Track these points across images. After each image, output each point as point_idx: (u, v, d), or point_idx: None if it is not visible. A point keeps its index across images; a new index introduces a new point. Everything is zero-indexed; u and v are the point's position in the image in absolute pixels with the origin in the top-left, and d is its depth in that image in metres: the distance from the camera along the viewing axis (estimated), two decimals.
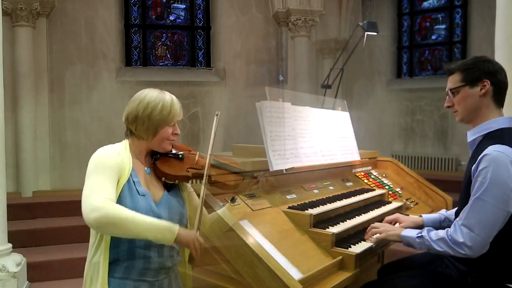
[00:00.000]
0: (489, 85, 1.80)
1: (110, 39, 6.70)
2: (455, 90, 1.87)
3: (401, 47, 8.25)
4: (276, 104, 2.33)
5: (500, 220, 1.67)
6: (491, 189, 1.65)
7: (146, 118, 1.61)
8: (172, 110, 1.64)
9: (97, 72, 6.55)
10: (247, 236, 1.67)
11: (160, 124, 1.62)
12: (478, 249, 1.68)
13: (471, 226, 1.67)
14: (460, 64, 1.88)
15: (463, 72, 1.85)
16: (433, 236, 1.79)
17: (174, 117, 1.65)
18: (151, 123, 1.61)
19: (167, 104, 1.63)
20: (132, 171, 1.60)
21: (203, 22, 7.38)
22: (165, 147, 1.69)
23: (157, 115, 1.61)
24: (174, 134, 1.67)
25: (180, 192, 1.75)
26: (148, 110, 1.61)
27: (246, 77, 7.21)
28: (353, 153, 2.98)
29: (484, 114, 1.83)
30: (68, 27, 6.37)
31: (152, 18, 7.26)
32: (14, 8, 5.61)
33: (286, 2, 6.96)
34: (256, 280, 1.61)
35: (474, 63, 1.85)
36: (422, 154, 7.59)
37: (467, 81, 1.83)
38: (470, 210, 1.70)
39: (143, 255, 1.55)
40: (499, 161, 1.65)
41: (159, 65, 7.23)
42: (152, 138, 1.64)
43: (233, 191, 1.75)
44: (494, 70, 1.81)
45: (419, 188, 3.12)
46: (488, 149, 1.70)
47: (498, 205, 1.65)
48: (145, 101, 1.62)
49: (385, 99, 8.09)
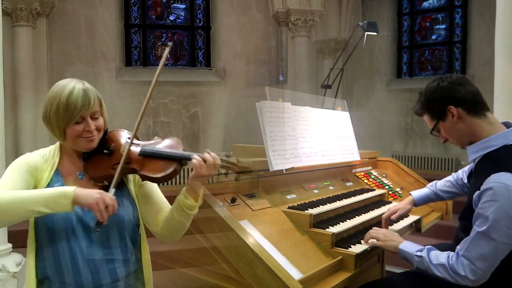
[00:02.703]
0: (455, 109, 1.74)
1: (110, 39, 6.70)
2: (434, 130, 1.85)
3: (401, 47, 8.25)
4: (276, 104, 2.33)
5: (502, 253, 1.63)
6: (496, 226, 1.58)
7: (47, 119, 1.43)
8: (69, 106, 1.38)
9: (97, 72, 6.55)
10: (247, 236, 1.67)
11: (60, 124, 1.41)
12: (479, 281, 1.65)
13: (473, 259, 1.63)
14: (420, 103, 1.87)
15: (427, 111, 1.84)
16: (433, 259, 1.73)
17: (74, 113, 1.39)
18: (53, 124, 1.42)
19: (63, 100, 1.39)
20: (55, 176, 1.45)
21: (203, 22, 7.38)
22: (83, 146, 1.46)
23: (54, 115, 1.40)
24: (86, 131, 1.43)
25: (126, 189, 1.55)
26: (48, 110, 1.42)
27: (246, 77, 7.21)
28: (353, 153, 2.98)
29: (475, 131, 1.76)
30: (68, 27, 6.37)
31: (152, 18, 7.26)
32: (14, 8, 5.61)
33: (286, 2, 6.96)
34: (256, 280, 1.61)
35: (428, 97, 1.81)
36: (422, 154, 7.58)
37: (436, 118, 1.81)
38: (472, 243, 1.64)
39: (72, 269, 1.39)
40: (503, 196, 1.57)
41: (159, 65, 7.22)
42: (63, 139, 1.46)
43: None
44: (448, 93, 1.75)
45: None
46: (492, 180, 1.61)
47: (503, 241, 1.60)
48: (47, 99, 1.43)
49: (385, 99, 8.09)
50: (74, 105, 1.39)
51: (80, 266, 1.40)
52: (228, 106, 7.06)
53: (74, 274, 1.40)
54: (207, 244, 1.77)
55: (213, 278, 1.79)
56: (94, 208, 1.30)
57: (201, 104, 7.01)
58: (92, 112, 1.44)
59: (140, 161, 1.47)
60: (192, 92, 6.93)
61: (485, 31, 6.84)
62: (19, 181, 1.40)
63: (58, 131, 1.44)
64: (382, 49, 8.16)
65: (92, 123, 1.44)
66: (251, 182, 2.10)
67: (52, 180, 1.44)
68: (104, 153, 1.50)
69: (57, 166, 1.47)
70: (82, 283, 1.40)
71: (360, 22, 4.28)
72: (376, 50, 8.12)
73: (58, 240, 1.40)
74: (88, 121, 1.43)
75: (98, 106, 1.47)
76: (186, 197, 1.46)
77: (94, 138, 1.47)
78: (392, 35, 8.19)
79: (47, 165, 1.46)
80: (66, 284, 1.41)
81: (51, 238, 1.40)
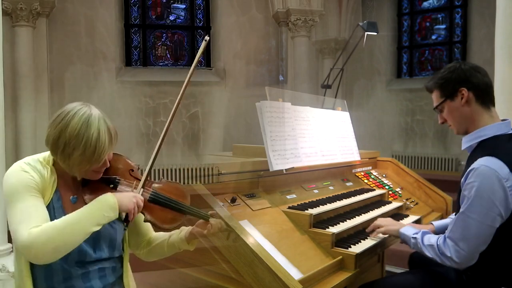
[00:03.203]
0: (467, 92, 1.77)
1: (110, 39, 6.70)
2: (439, 107, 1.87)
3: (401, 47, 8.25)
4: (276, 104, 2.33)
5: (485, 235, 1.66)
6: (475, 205, 1.64)
7: (66, 157, 1.34)
8: (97, 149, 1.33)
9: (97, 72, 6.55)
10: (247, 236, 1.67)
11: (83, 165, 1.35)
12: (464, 263, 1.69)
13: (456, 240, 1.69)
14: (435, 79, 1.88)
15: (439, 87, 1.85)
16: (425, 240, 1.82)
17: (101, 157, 1.35)
18: (74, 163, 1.34)
19: (91, 142, 1.32)
20: (55, 194, 1.39)
21: (203, 22, 7.38)
22: (91, 177, 1.43)
23: (78, 156, 1.32)
24: (102, 166, 1.42)
25: None
26: (68, 147, 1.32)
27: (246, 77, 7.21)
28: (353, 153, 2.98)
29: (476, 119, 1.80)
30: (68, 27, 6.37)
31: (152, 18, 7.26)
32: (14, 8, 5.61)
33: (286, 2, 6.96)
34: (256, 280, 1.61)
35: (445, 75, 1.83)
36: (422, 154, 7.59)
37: (446, 96, 1.83)
38: (455, 224, 1.71)
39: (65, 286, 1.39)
40: (485, 176, 1.62)
41: (159, 65, 7.23)
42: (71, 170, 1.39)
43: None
44: (466, 76, 1.78)
45: (419, 188, 3.12)
46: (477, 162, 1.66)
47: (482, 221, 1.63)
48: (67, 132, 1.32)
49: (385, 99, 8.09)
50: (102, 149, 1.34)
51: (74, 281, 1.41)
52: (228, 106, 7.05)
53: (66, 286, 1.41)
54: (207, 244, 1.77)
55: (213, 278, 1.79)
56: (131, 211, 1.35)
57: (201, 104, 7.01)
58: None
59: (149, 207, 1.45)
60: (192, 92, 6.93)
61: (485, 31, 6.84)
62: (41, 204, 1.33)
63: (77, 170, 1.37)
64: (382, 49, 8.16)
65: (108, 161, 1.43)
66: (251, 182, 2.10)
67: (52, 200, 1.38)
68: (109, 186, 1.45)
69: (57, 186, 1.41)
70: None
71: (360, 22, 4.28)
72: (376, 50, 8.12)
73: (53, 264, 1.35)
74: (106, 161, 1.41)
75: None
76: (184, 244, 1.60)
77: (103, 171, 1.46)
78: (392, 35, 8.19)
79: (48, 184, 1.38)
80: None
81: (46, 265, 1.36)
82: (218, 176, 2.00)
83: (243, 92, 7.01)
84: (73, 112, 1.36)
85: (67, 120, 1.35)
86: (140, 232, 1.66)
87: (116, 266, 1.56)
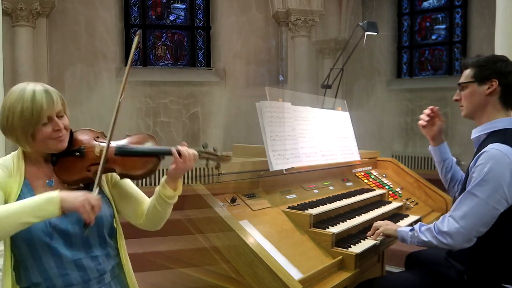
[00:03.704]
0: (497, 85, 1.80)
1: (110, 39, 6.70)
2: (464, 84, 1.89)
3: (401, 47, 8.25)
4: (276, 104, 2.33)
5: (487, 216, 1.68)
6: (483, 185, 1.67)
7: (10, 128, 1.38)
8: (34, 108, 1.35)
9: (97, 72, 6.55)
10: (247, 236, 1.67)
11: (27, 129, 1.36)
12: (459, 241, 1.71)
13: (457, 217, 1.72)
14: (475, 60, 1.89)
15: (476, 68, 1.86)
16: (422, 228, 1.85)
17: (41, 114, 1.36)
18: (18, 131, 1.37)
19: (27, 103, 1.35)
20: (25, 186, 1.40)
21: (203, 22, 7.38)
22: (55, 147, 1.43)
23: (18, 121, 1.35)
24: (55, 130, 1.40)
25: (101, 191, 1.52)
26: (10, 118, 1.36)
27: (246, 77, 7.20)
28: (353, 153, 2.98)
29: (490, 113, 1.84)
30: (68, 27, 6.37)
31: (152, 18, 7.26)
32: (14, 8, 5.61)
33: (286, 2, 6.96)
34: (256, 280, 1.61)
35: (487, 61, 1.85)
36: (422, 154, 7.58)
37: (476, 78, 1.85)
38: (459, 202, 1.74)
39: (59, 274, 1.41)
40: (496, 159, 1.67)
41: (159, 65, 7.23)
42: (32, 145, 1.40)
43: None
44: (506, 72, 1.81)
45: (419, 188, 3.12)
46: (488, 147, 1.71)
47: (488, 201, 1.67)
48: (6, 106, 1.38)
49: (385, 99, 8.09)
50: (40, 106, 1.35)
51: (67, 268, 1.42)
52: (228, 106, 7.05)
53: (62, 276, 1.42)
54: (207, 244, 1.77)
55: (213, 278, 1.79)
56: (81, 211, 1.29)
57: (201, 104, 7.01)
58: (57, 111, 1.41)
59: (117, 160, 1.46)
60: (192, 92, 6.93)
61: (485, 31, 6.84)
62: None
63: (24, 138, 1.38)
64: (382, 49, 8.15)
65: (59, 122, 1.41)
66: (251, 182, 2.10)
67: (22, 191, 1.39)
68: (75, 155, 1.46)
69: (25, 176, 1.42)
70: (71, 282, 1.43)
71: (360, 22, 4.28)
72: (376, 50, 8.12)
73: (40, 250, 1.39)
74: (56, 120, 1.40)
75: (61, 105, 1.43)
76: (165, 188, 1.49)
77: (64, 137, 1.44)
78: (392, 35, 8.18)
79: (14, 177, 1.40)
80: (56, 287, 1.42)
81: (32, 249, 1.39)
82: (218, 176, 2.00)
83: (243, 92, 7.01)
84: (13, 88, 1.43)
85: (6, 97, 1.41)
86: (132, 202, 1.60)
87: (110, 253, 1.54)
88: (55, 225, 1.39)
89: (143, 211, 1.58)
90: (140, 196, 1.62)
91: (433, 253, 2.18)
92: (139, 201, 1.61)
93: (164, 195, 1.49)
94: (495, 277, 1.79)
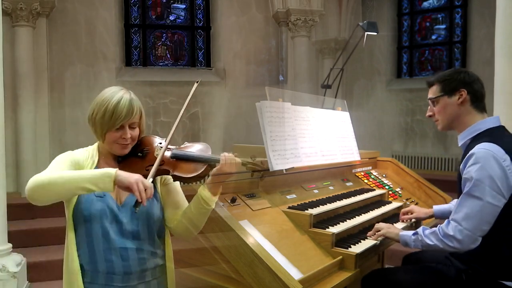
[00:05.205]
0: (466, 94, 1.92)
1: (110, 39, 6.70)
2: (435, 99, 2.01)
3: (401, 47, 8.25)
4: (276, 104, 2.33)
5: (488, 214, 1.73)
6: (478, 184, 1.73)
7: (93, 121, 1.57)
8: (114, 114, 1.53)
9: (97, 72, 6.55)
10: (247, 236, 1.67)
11: (103, 128, 1.55)
12: (466, 243, 1.75)
13: (459, 220, 1.76)
14: (439, 75, 2.02)
15: (442, 83, 1.99)
16: (426, 231, 1.88)
17: (116, 121, 1.54)
18: (97, 126, 1.57)
19: (110, 107, 1.53)
20: None
21: (203, 22, 7.38)
22: (117, 151, 1.61)
23: (100, 119, 1.55)
24: (122, 138, 1.57)
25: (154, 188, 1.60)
26: (94, 113, 1.56)
27: (246, 77, 7.21)
28: (353, 153, 2.98)
29: (467, 119, 1.94)
30: (68, 27, 6.37)
31: (152, 18, 7.26)
32: (14, 8, 5.61)
33: (286, 2, 6.96)
34: (256, 280, 1.61)
35: (451, 74, 1.98)
36: (422, 154, 7.59)
37: (445, 91, 1.97)
38: (459, 205, 1.80)
39: (104, 258, 1.51)
40: (483, 157, 1.74)
41: (159, 65, 7.23)
42: (103, 141, 1.60)
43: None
44: (471, 81, 1.94)
45: (419, 188, 3.13)
46: (474, 148, 1.79)
47: (485, 199, 1.72)
48: (96, 102, 1.57)
49: (385, 99, 8.09)
50: (119, 114, 1.53)
51: (113, 254, 1.51)
52: (228, 106, 7.05)
53: (106, 262, 1.51)
54: (207, 244, 1.77)
55: (213, 278, 1.79)
56: (134, 187, 1.38)
57: (201, 104, 7.01)
58: (132, 122, 1.57)
59: (172, 163, 1.59)
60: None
61: (485, 31, 6.84)
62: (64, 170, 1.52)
63: (100, 133, 1.57)
64: (382, 49, 8.16)
65: (128, 132, 1.57)
66: (251, 182, 2.10)
67: None
68: (138, 156, 1.63)
69: (96, 165, 1.60)
70: (113, 270, 1.51)
71: (360, 22, 4.28)
72: (376, 50, 8.12)
73: (94, 230, 1.51)
74: (126, 130, 1.56)
75: (138, 118, 1.60)
76: (204, 189, 1.57)
77: (127, 145, 1.60)
78: (392, 35, 8.19)
79: (88, 163, 1.59)
80: (99, 273, 1.51)
81: (88, 229, 1.51)
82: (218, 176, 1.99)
83: (243, 92, 7.01)
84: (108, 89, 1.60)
85: (101, 94, 1.59)
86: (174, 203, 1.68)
87: (157, 253, 1.61)
88: (115, 213, 1.53)
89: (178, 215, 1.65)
90: (181, 201, 1.70)
91: (431, 254, 2.20)
92: (179, 204, 1.68)
93: (202, 195, 1.56)
94: (494, 274, 1.80)
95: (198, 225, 1.61)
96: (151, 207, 1.58)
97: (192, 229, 1.62)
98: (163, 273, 1.65)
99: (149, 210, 1.56)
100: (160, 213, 1.63)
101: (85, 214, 1.51)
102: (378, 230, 2.07)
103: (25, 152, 5.74)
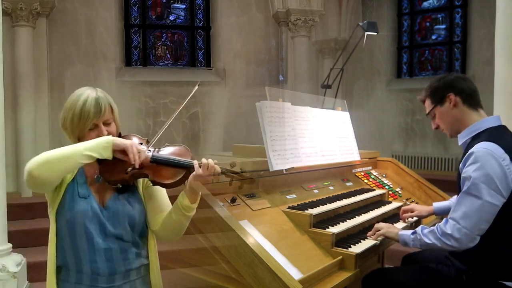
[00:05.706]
0: (454, 96, 1.96)
1: (110, 39, 6.70)
2: (431, 113, 2.06)
3: (401, 47, 8.25)
4: (276, 104, 2.33)
5: (486, 213, 1.74)
6: (477, 183, 1.74)
7: (65, 127, 1.57)
8: (82, 116, 1.51)
9: (97, 72, 6.55)
10: (247, 236, 1.67)
11: (74, 132, 1.54)
12: (464, 241, 1.75)
13: (457, 218, 1.77)
14: (426, 90, 2.09)
15: (430, 96, 2.06)
16: (425, 230, 1.89)
17: (86, 123, 1.52)
18: (69, 132, 1.56)
19: (77, 110, 1.51)
20: (79, 173, 1.55)
21: (203, 22, 7.38)
22: None
23: (70, 124, 1.54)
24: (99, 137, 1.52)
25: (136, 191, 1.64)
26: (64, 120, 1.55)
27: (246, 77, 7.21)
28: (353, 153, 2.98)
29: (465, 119, 1.97)
30: (68, 27, 6.37)
31: (152, 18, 7.26)
32: (14, 8, 5.60)
33: (286, 2, 6.96)
34: (256, 280, 1.61)
35: (433, 85, 2.05)
36: (422, 154, 7.59)
37: (436, 102, 2.02)
38: (457, 204, 1.80)
39: (89, 259, 1.49)
40: (483, 156, 1.75)
41: (159, 65, 7.23)
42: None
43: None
44: (453, 82, 1.98)
45: (419, 188, 3.13)
46: (474, 147, 1.80)
47: (484, 198, 1.73)
48: (64, 108, 1.56)
49: (385, 99, 8.09)
50: (87, 115, 1.51)
51: (97, 255, 1.49)
52: (228, 106, 7.05)
53: (91, 263, 1.50)
54: (207, 244, 1.77)
55: (213, 278, 1.79)
56: (129, 149, 1.44)
57: (201, 104, 7.01)
58: (105, 119, 1.55)
59: (151, 167, 1.54)
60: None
61: (485, 31, 6.84)
62: None
63: (73, 138, 1.56)
64: (382, 49, 8.15)
65: (104, 129, 1.55)
66: (251, 182, 2.10)
67: (76, 176, 1.54)
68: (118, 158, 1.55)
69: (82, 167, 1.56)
70: (98, 271, 1.50)
71: (360, 22, 4.28)
72: (376, 50, 8.12)
73: (78, 232, 1.49)
74: (101, 128, 1.54)
75: (109, 114, 1.57)
76: (183, 197, 1.54)
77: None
78: (392, 35, 8.18)
79: None
80: (83, 274, 1.51)
81: (71, 230, 1.49)
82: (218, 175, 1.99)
83: (243, 92, 7.01)
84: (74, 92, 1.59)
85: (69, 99, 1.58)
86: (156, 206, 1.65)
87: (141, 253, 1.60)
88: (98, 215, 1.50)
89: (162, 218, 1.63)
90: (164, 204, 1.67)
91: (430, 254, 2.20)
92: (161, 208, 1.65)
93: (181, 204, 1.54)
94: (494, 274, 1.80)
95: (179, 230, 1.59)
96: (131, 209, 1.56)
97: (174, 234, 1.61)
98: (147, 272, 1.64)
99: (130, 212, 1.55)
100: (142, 215, 1.61)
101: (68, 215, 1.49)
102: (378, 230, 2.07)
103: (25, 152, 5.73)
